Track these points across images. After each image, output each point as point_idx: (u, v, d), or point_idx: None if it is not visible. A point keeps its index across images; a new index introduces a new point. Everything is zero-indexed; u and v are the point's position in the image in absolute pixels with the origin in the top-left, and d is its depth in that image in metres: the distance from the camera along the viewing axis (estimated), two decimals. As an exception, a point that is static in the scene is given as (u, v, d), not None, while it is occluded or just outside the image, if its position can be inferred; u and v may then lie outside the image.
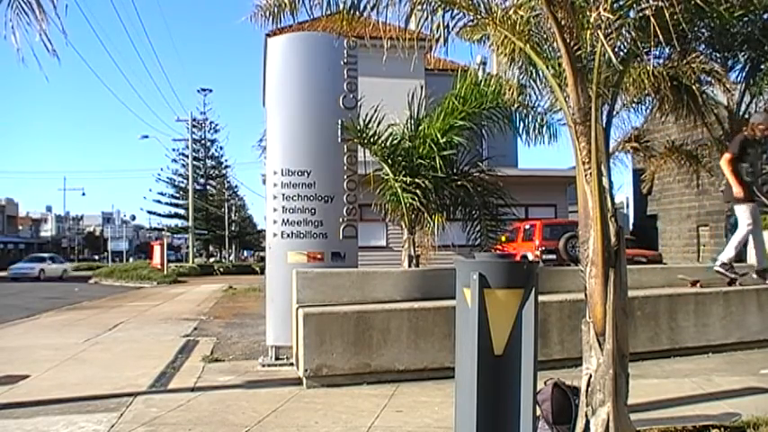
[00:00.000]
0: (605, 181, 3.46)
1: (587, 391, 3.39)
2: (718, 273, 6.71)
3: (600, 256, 3.37)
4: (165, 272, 28.97)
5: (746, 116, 9.74)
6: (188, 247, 45.29)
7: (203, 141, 52.18)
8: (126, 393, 5.26)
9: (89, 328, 10.14)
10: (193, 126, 43.16)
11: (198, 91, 53.02)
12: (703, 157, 11.69)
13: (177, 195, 51.49)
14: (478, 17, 4.09)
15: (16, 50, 4.52)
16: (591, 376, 3.38)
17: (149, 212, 55.85)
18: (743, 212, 6.67)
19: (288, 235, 6.67)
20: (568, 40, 3.48)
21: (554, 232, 16.11)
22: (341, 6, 4.28)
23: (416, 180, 7.17)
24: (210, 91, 61.73)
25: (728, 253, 6.72)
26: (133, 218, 78.16)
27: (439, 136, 7.28)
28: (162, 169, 64.00)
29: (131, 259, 53.81)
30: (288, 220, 6.67)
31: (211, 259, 53.25)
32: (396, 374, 5.38)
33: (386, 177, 7.47)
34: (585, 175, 3.45)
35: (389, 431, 4.12)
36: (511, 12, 3.99)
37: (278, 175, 6.74)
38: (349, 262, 6.78)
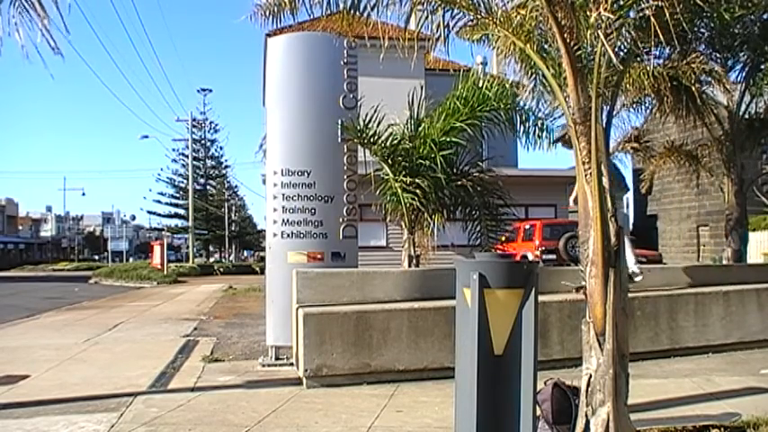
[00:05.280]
0: (605, 181, 3.46)
1: (587, 391, 3.40)
2: None
3: (600, 256, 3.37)
4: (165, 272, 28.89)
5: (746, 116, 9.73)
6: (188, 247, 45.25)
7: (203, 141, 52.17)
8: (126, 393, 5.27)
9: (89, 328, 10.13)
10: (193, 126, 43.11)
11: (198, 91, 53.06)
12: (703, 157, 11.67)
13: (177, 195, 51.48)
14: (478, 17, 4.10)
15: (21, 47, 4.55)
16: (591, 376, 3.39)
17: (149, 212, 55.87)
18: None
19: (288, 235, 6.67)
20: (568, 40, 3.49)
21: (554, 232, 16.11)
22: (341, 6, 4.28)
23: (416, 180, 7.15)
24: (210, 91, 61.77)
25: None
26: (133, 218, 78.34)
27: (440, 136, 7.27)
28: (162, 169, 64.08)
29: (131, 259, 53.78)
30: (288, 220, 6.67)
31: (211, 259, 53.19)
32: (396, 374, 5.38)
33: (386, 177, 7.45)
34: (585, 175, 3.45)
35: (389, 431, 4.12)
36: (511, 12, 3.99)
37: (278, 175, 6.74)
38: (349, 262, 6.78)
